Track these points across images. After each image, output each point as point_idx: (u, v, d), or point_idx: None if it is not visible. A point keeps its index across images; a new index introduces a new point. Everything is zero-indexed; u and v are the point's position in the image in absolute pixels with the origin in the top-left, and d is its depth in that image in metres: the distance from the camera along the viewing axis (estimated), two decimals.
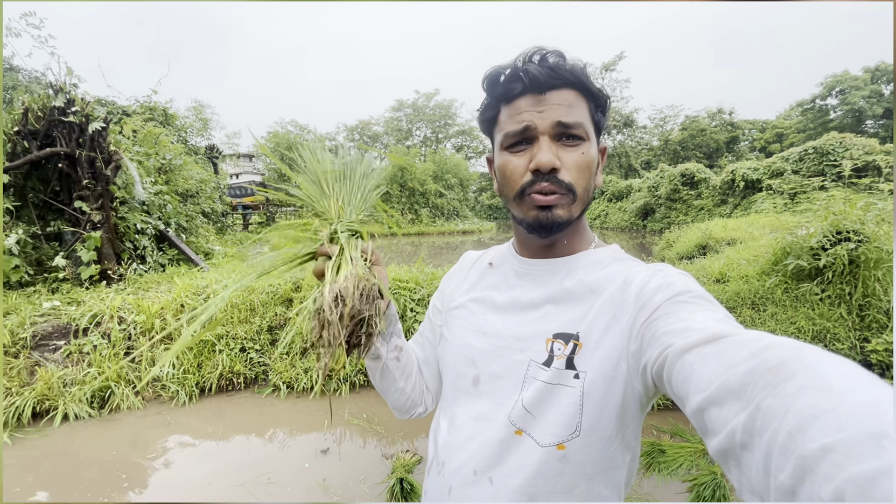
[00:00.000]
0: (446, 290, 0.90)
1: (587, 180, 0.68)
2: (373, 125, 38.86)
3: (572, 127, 0.65)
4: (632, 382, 0.61)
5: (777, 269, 4.16)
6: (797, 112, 36.15)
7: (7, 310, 4.00)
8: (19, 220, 5.12)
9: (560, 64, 0.66)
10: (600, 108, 0.70)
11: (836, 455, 0.28)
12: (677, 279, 0.60)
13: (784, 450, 0.31)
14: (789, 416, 0.32)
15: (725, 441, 0.38)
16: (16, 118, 5.10)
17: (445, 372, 0.82)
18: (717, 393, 0.41)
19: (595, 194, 0.73)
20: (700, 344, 0.46)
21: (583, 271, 0.71)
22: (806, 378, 0.34)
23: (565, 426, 0.63)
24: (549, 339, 0.68)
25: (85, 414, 3.37)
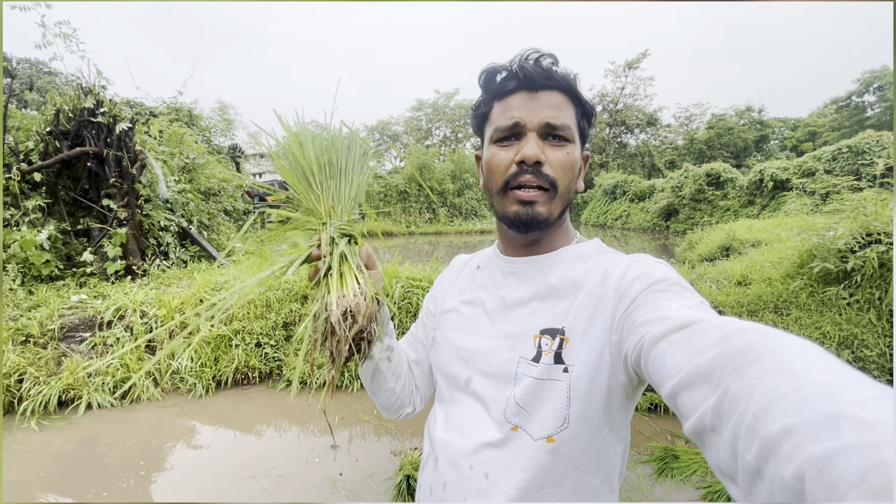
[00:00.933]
0: (438, 293, 0.93)
1: (569, 179, 0.71)
2: (393, 125, 39.15)
3: (559, 128, 0.69)
4: (615, 372, 0.62)
5: (802, 272, 4.00)
6: (831, 109, 34.72)
7: (37, 302, 4.19)
8: (51, 216, 5.34)
9: (553, 67, 0.69)
10: (586, 117, 0.73)
11: (796, 436, 0.29)
12: (654, 268, 0.62)
13: (749, 431, 0.33)
14: (754, 398, 0.34)
15: (697, 424, 0.40)
16: (48, 118, 5.33)
17: (439, 374, 0.84)
18: (687, 378, 0.42)
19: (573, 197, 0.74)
20: (672, 331, 0.48)
21: (565, 266, 0.73)
22: (769, 362, 0.35)
23: (555, 419, 0.65)
24: (536, 336, 0.69)
25: (107, 403, 3.50)
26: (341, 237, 0.71)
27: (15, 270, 4.57)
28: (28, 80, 17.99)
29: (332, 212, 0.74)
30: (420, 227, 20.57)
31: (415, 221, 21.07)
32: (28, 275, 4.70)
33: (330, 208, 0.74)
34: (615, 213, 24.71)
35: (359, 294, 0.66)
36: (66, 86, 13.11)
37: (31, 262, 4.66)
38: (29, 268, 4.69)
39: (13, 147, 5.06)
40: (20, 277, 4.58)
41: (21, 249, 4.59)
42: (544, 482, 0.65)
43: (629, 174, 28.05)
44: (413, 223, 20.85)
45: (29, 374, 3.45)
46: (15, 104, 6.48)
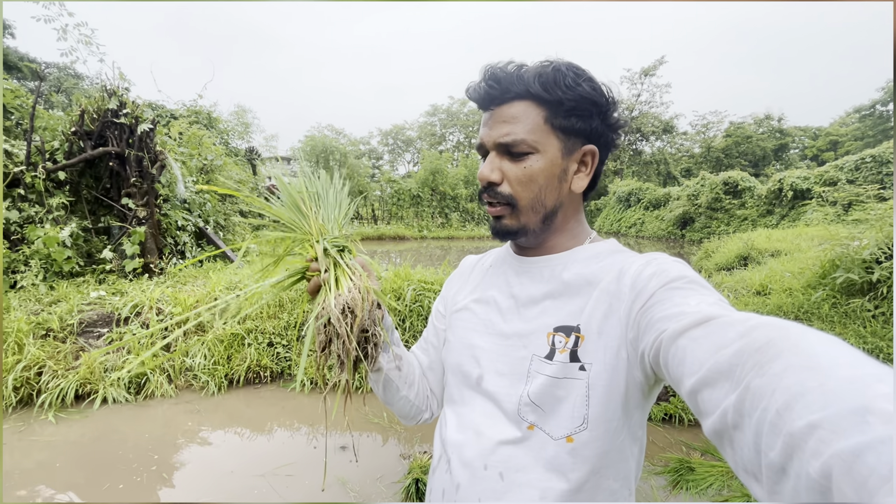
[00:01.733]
0: (448, 294, 0.92)
1: (532, 192, 0.69)
2: (407, 129, 39.41)
3: (512, 145, 0.67)
4: (632, 370, 0.61)
5: (825, 283, 3.90)
6: (854, 118, 33.98)
7: (58, 297, 4.28)
8: (73, 214, 5.48)
9: (507, 77, 0.67)
10: (566, 112, 0.67)
11: (822, 431, 0.28)
12: (671, 266, 0.61)
13: (773, 428, 0.32)
14: (777, 394, 0.33)
15: (718, 422, 0.39)
16: (73, 119, 5.48)
17: (451, 373, 0.82)
18: (708, 375, 0.42)
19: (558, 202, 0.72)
20: (692, 327, 0.47)
21: (580, 265, 0.72)
22: (792, 356, 0.34)
23: (573, 418, 0.63)
24: (549, 333, 0.68)
25: (122, 398, 3.55)
26: (333, 248, 0.75)
27: (38, 266, 4.69)
28: (56, 83, 18.56)
29: (323, 229, 0.79)
30: (432, 231, 20.61)
31: (427, 226, 21.13)
32: (50, 271, 4.82)
33: (321, 227, 0.79)
34: (629, 220, 24.46)
35: (353, 289, 0.68)
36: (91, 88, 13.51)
37: (53, 259, 4.78)
38: (51, 264, 4.81)
39: (39, 146, 5.21)
40: (42, 273, 4.70)
41: (44, 246, 4.71)
42: (563, 484, 0.63)
43: (644, 182, 27.77)
44: (426, 227, 20.90)
45: (48, 367, 3.52)
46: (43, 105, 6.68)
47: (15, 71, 14.62)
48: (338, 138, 29.22)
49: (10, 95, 6.08)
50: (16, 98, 6.11)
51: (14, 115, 6.23)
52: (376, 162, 38.77)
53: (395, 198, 21.90)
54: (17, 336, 3.59)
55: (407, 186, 22.08)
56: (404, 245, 16.11)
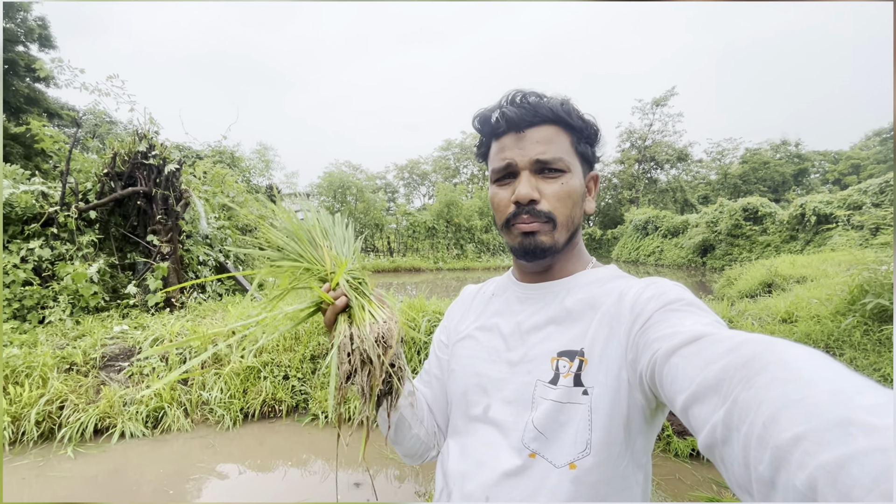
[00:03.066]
0: (450, 323, 0.92)
1: (569, 209, 0.71)
2: (421, 164, 40.29)
3: (550, 162, 0.70)
4: (633, 393, 0.61)
5: (854, 309, 3.75)
6: (875, 142, 33.45)
7: (83, 332, 4.40)
8: (101, 251, 5.70)
9: (537, 103, 0.70)
10: (585, 140, 0.73)
11: (807, 443, 0.29)
12: (670, 289, 0.62)
13: (760, 441, 0.33)
14: (763, 407, 0.34)
15: (709, 437, 0.40)
16: (106, 161, 5.79)
17: (455, 402, 0.81)
18: (697, 390, 0.42)
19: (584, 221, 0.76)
20: (684, 345, 0.48)
21: (582, 290, 0.73)
22: (777, 370, 0.35)
23: (576, 444, 0.63)
24: (553, 358, 0.68)
25: (139, 433, 3.56)
26: (354, 280, 0.75)
27: (66, 301, 4.85)
28: (92, 129, 19.73)
29: (338, 261, 0.78)
30: (448, 262, 20.66)
31: (443, 257, 21.21)
32: (77, 306, 4.97)
33: (335, 258, 0.78)
34: (647, 248, 24.13)
35: (389, 319, 0.67)
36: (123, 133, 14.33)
37: (80, 294, 4.94)
38: (78, 299, 4.97)
39: (73, 187, 5.50)
40: (70, 308, 4.85)
41: (73, 282, 4.88)
42: None
43: (661, 209, 27.53)
44: (441, 259, 20.98)
45: (70, 402, 3.58)
46: (79, 149, 7.10)
47: (56, 118, 15.64)
48: (355, 174, 30.01)
49: (50, 141, 6.50)
50: (55, 143, 6.53)
51: (52, 158, 6.63)
52: (392, 196, 39.54)
53: (410, 230, 22.16)
54: (42, 370, 3.68)
55: (422, 219, 22.36)
56: (420, 277, 16.15)
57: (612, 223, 33.71)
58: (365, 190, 24.48)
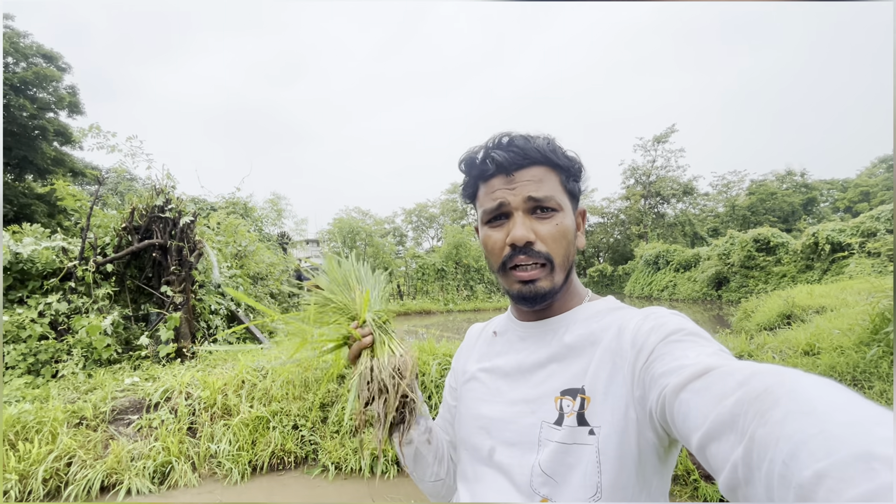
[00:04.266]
0: (457, 366, 0.92)
1: (564, 248, 0.71)
2: (429, 207, 40.96)
3: (543, 200, 0.70)
4: (643, 431, 0.59)
5: (878, 339, 3.62)
6: (881, 168, 33.41)
7: (94, 385, 4.40)
8: (116, 303, 5.79)
9: (524, 145, 0.70)
10: (573, 177, 0.74)
11: (830, 481, 0.28)
12: (669, 319, 0.61)
13: (782, 480, 0.32)
14: (781, 443, 0.33)
15: (731, 477, 0.38)
16: (124, 216, 6.01)
17: (462, 447, 0.81)
18: (712, 427, 0.41)
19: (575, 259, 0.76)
20: (692, 380, 0.47)
21: (580, 325, 0.72)
22: (790, 403, 0.35)
23: (586, 488, 0.60)
24: (557, 398, 0.67)
25: (146, 489, 3.47)
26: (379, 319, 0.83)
27: (79, 355, 4.89)
28: (113, 186, 20.60)
29: (366, 303, 0.84)
30: (458, 304, 20.50)
31: (452, 299, 21.08)
32: (90, 359, 5.00)
33: (366, 299, 0.84)
34: (660, 283, 23.79)
35: (405, 353, 0.76)
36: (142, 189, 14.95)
37: (93, 347, 4.98)
38: (91, 352, 5.01)
39: (93, 242, 5.68)
40: (82, 361, 4.88)
41: (87, 334, 4.94)
42: None
43: (671, 243, 27.36)
44: (451, 300, 20.85)
45: (78, 458, 3.53)
46: (100, 206, 7.42)
47: (80, 177, 16.40)
48: (364, 219, 30.56)
49: (72, 199, 6.79)
50: (76, 201, 6.81)
51: (74, 215, 6.89)
52: (401, 239, 39.97)
53: (419, 273, 22.21)
54: (53, 425, 3.65)
55: (431, 261, 22.45)
56: (430, 319, 16.01)
57: (622, 259, 33.47)
58: (374, 235, 24.84)
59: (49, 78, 13.89)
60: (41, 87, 13.98)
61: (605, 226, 36.69)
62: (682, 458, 3.23)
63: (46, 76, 13.76)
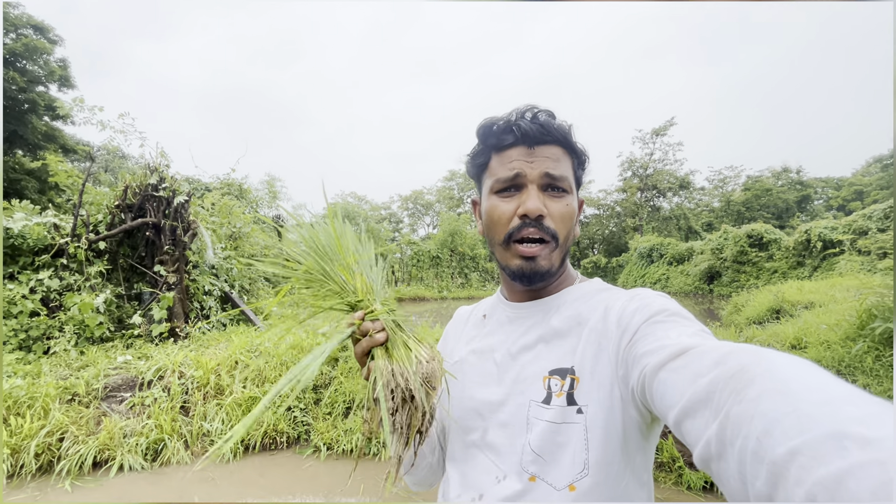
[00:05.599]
0: (445, 349, 0.92)
1: (569, 230, 0.72)
2: (426, 194, 40.82)
3: (559, 179, 0.70)
4: (627, 409, 0.61)
5: (864, 334, 3.69)
6: (876, 168, 33.63)
7: (86, 363, 4.40)
8: (108, 281, 5.76)
9: (549, 122, 0.71)
10: (581, 166, 0.76)
11: (802, 458, 0.29)
12: (654, 300, 0.62)
13: (755, 456, 0.32)
14: (755, 421, 0.34)
15: (704, 452, 0.39)
16: (118, 194, 5.94)
17: (453, 428, 0.81)
18: (688, 404, 0.42)
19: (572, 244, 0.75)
20: (671, 359, 0.48)
21: (569, 307, 0.73)
22: (765, 381, 0.35)
23: (574, 465, 0.62)
24: (545, 377, 0.68)
25: (138, 466, 3.50)
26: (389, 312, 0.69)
27: (71, 332, 4.87)
28: (105, 164, 20.30)
29: (371, 290, 0.71)
30: (452, 291, 20.59)
31: (447, 286, 21.16)
32: (82, 336, 4.99)
33: (369, 287, 0.72)
34: (653, 276, 23.96)
35: (432, 359, 0.64)
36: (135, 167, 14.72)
37: (86, 324, 4.97)
38: (83, 329, 4.99)
39: (85, 219, 5.62)
40: (75, 339, 4.87)
41: (79, 312, 4.92)
42: None
43: (665, 237, 27.50)
44: (445, 288, 20.93)
45: (70, 433, 3.54)
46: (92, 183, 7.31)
47: (72, 154, 16.14)
48: (360, 204, 30.42)
49: (64, 175, 6.70)
50: (68, 177, 6.72)
51: (66, 192, 6.81)
52: (396, 226, 39.89)
53: (414, 259, 22.23)
54: (45, 401, 3.66)
55: (426, 248, 22.46)
56: (424, 306, 16.07)
57: (616, 251, 33.63)
58: (370, 220, 24.76)
59: (39, 50, 13.53)
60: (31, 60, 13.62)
61: (601, 217, 36.76)
62: (667, 446, 3.30)
63: (37, 48, 13.41)
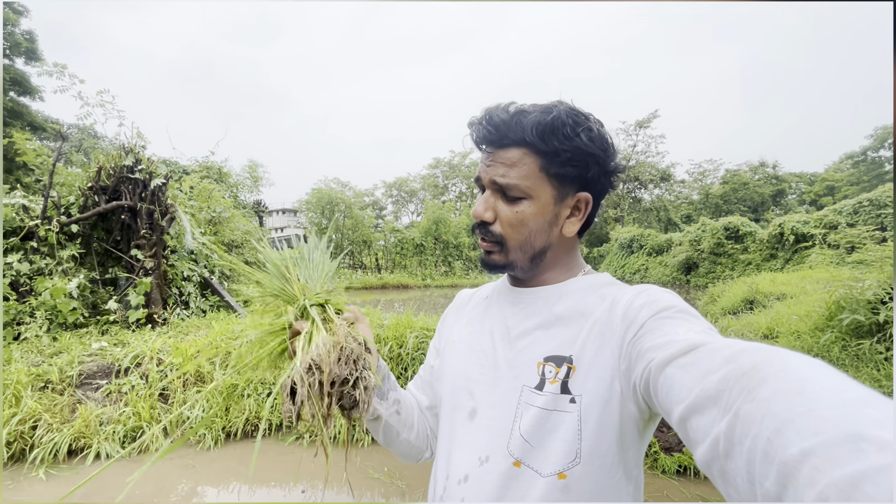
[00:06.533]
0: (443, 328, 0.93)
1: (523, 235, 0.70)
2: (410, 181, 40.53)
3: (507, 188, 0.69)
4: (626, 403, 0.60)
5: (832, 325, 3.85)
6: (848, 164, 34.76)
7: (59, 349, 4.27)
8: (82, 266, 5.57)
9: (507, 123, 0.67)
10: (567, 162, 0.67)
11: (816, 459, 0.28)
12: (661, 296, 0.61)
13: (765, 456, 0.32)
14: (766, 420, 0.33)
15: (710, 450, 0.39)
16: (91, 175, 5.72)
17: (444, 403, 0.81)
18: (696, 401, 0.42)
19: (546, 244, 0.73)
20: (679, 355, 0.47)
21: (573, 297, 0.72)
22: (779, 381, 0.35)
23: (565, 453, 0.62)
24: (539, 364, 0.68)
25: (115, 453, 3.44)
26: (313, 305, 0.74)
27: (42, 317, 4.72)
28: (77, 143, 19.50)
29: (306, 289, 0.79)
30: (436, 279, 20.62)
31: (430, 274, 21.17)
32: (54, 322, 4.83)
33: (303, 287, 0.79)
34: (633, 266, 24.43)
35: (321, 343, 0.64)
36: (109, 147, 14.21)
37: (58, 310, 4.81)
38: (56, 315, 4.84)
39: (56, 201, 5.41)
40: (46, 324, 4.72)
41: (51, 297, 4.76)
42: None
43: (645, 228, 28.01)
44: (429, 276, 20.94)
45: (43, 421, 3.45)
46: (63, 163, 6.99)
47: (41, 132, 15.45)
48: (343, 190, 30.03)
49: (33, 154, 6.40)
50: (38, 157, 6.43)
51: (34, 172, 6.52)
52: (380, 213, 39.59)
53: (398, 247, 22.14)
54: (16, 388, 3.55)
55: (410, 236, 22.38)
56: (408, 293, 16.08)
57: (597, 241, 34.14)
58: (353, 206, 24.51)
59: (3, 21, 12.84)
60: None
61: None
62: None
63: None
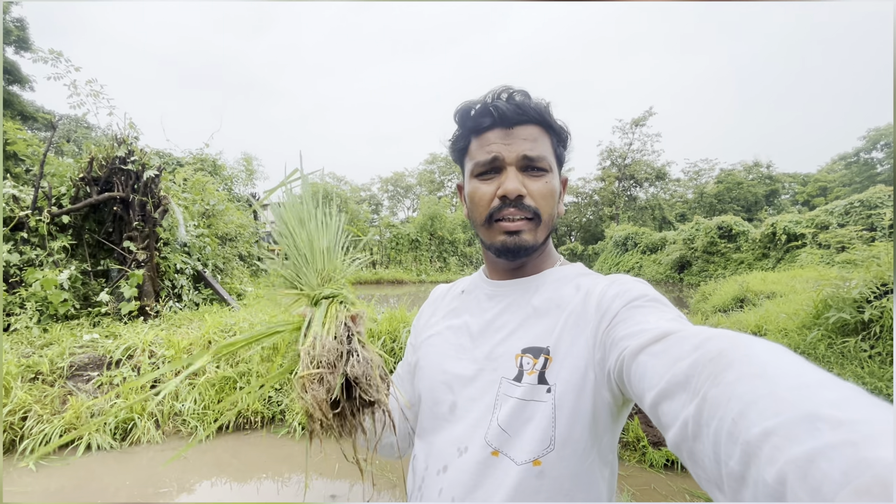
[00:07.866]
0: (419, 324, 0.93)
1: (551, 207, 0.73)
2: (406, 177, 40.44)
3: (536, 160, 0.71)
4: (600, 391, 0.62)
5: (819, 323, 3.90)
6: (840, 165, 35.08)
7: (50, 340, 4.25)
8: (73, 257, 5.53)
9: (526, 102, 0.72)
10: (562, 143, 0.76)
11: (775, 438, 0.29)
12: (633, 286, 0.63)
13: (730, 437, 0.33)
14: (731, 403, 0.34)
15: (679, 433, 0.40)
16: (82, 166, 5.66)
17: (423, 400, 0.81)
18: (666, 387, 0.43)
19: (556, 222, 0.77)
20: (651, 343, 0.49)
21: (549, 288, 0.74)
22: (743, 366, 0.36)
23: (540, 441, 0.63)
24: (517, 355, 0.69)
25: (107, 445, 3.44)
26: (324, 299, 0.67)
27: (33, 309, 4.69)
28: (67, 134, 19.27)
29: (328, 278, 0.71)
30: (431, 275, 20.64)
31: (425, 270, 21.18)
32: (45, 313, 4.80)
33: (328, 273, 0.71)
34: (627, 264, 24.56)
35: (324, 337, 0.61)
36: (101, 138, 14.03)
37: (49, 301, 4.78)
38: (46, 306, 4.81)
39: (47, 191, 5.36)
40: (37, 316, 4.69)
41: (42, 288, 4.72)
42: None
43: (640, 226, 28.15)
44: (424, 271, 20.95)
45: (34, 412, 3.44)
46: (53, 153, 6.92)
47: (31, 121, 15.25)
48: (339, 185, 29.91)
49: (23, 144, 6.33)
50: (28, 147, 6.36)
51: (25, 162, 6.45)
52: (376, 208, 39.49)
53: (393, 242, 22.12)
54: (6, 379, 3.53)
55: (406, 231, 22.36)
56: (402, 289, 16.09)
57: (593, 239, 34.28)
58: (349, 201, 24.43)
59: None
60: None
61: (579, 206, 37.27)
62: (633, 427, 3.45)
63: None
